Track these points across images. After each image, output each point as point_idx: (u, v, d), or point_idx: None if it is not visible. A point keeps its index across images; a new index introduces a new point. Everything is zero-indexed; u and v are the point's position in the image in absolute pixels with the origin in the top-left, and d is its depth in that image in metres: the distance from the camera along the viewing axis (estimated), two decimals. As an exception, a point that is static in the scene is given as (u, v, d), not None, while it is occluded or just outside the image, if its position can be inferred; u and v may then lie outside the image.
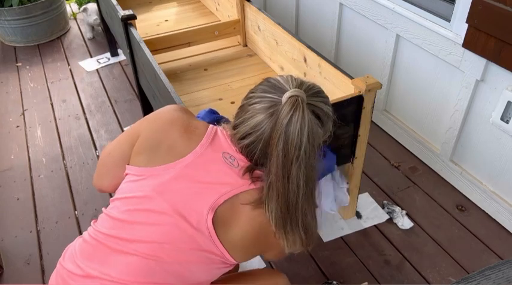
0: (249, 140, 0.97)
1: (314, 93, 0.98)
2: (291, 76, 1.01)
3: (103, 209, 1.06)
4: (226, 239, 0.96)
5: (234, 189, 0.97)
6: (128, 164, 1.06)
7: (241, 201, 0.96)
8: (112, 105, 2.76)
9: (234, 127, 1.01)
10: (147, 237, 0.96)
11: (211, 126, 1.08)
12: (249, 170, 1.00)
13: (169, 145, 1.02)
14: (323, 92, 1.02)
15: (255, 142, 0.96)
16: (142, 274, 0.94)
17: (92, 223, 1.06)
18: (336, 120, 1.06)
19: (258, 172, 1.00)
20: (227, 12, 2.54)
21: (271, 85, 0.98)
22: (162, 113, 1.10)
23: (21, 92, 2.96)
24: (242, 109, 1.00)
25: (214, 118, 1.38)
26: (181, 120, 1.07)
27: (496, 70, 1.70)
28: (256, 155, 0.98)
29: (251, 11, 2.24)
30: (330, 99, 1.50)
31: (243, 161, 1.01)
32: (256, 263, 1.76)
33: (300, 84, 0.97)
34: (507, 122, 1.72)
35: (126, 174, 1.05)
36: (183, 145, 1.02)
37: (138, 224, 0.97)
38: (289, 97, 0.92)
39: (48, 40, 3.55)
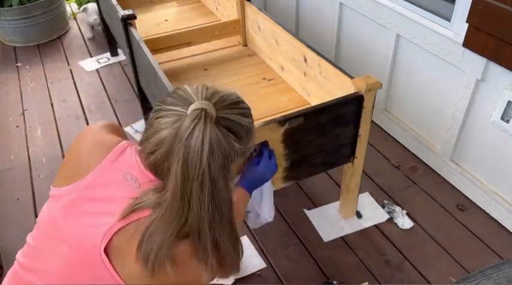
0: (154, 158, 0.87)
1: (228, 104, 0.88)
2: (204, 86, 0.92)
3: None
4: (123, 271, 0.88)
5: (128, 217, 0.87)
6: None
7: (141, 227, 0.85)
8: (112, 105, 2.76)
9: (140, 144, 0.92)
10: (48, 268, 0.93)
11: (124, 141, 1.00)
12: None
13: (75, 163, 0.98)
14: (242, 102, 0.93)
15: (159, 159, 0.86)
16: None
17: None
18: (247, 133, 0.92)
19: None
20: (227, 12, 2.54)
21: (179, 97, 0.89)
22: (84, 129, 1.07)
23: (21, 92, 2.96)
24: (149, 124, 0.90)
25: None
26: (92, 135, 1.02)
27: (496, 69, 1.70)
28: (163, 174, 0.88)
29: (251, 10, 2.24)
30: (330, 99, 1.52)
31: (145, 183, 0.91)
32: (257, 262, 1.76)
33: (211, 95, 0.88)
34: (507, 121, 1.72)
35: None
36: (86, 163, 0.95)
37: (42, 253, 0.95)
38: (193, 111, 0.83)
39: (48, 40, 3.55)
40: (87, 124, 2.63)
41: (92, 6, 3.31)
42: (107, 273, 0.88)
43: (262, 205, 1.43)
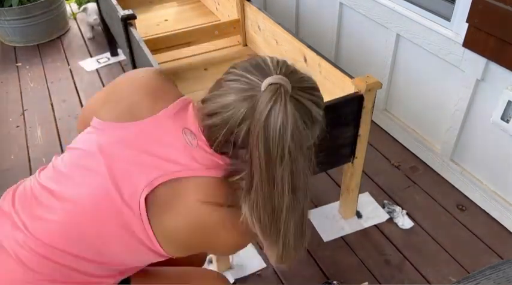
0: (214, 120, 0.82)
1: (304, 87, 0.82)
2: (284, 60, 0.85)
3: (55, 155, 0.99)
4: (159, 225, 0.83)
5: (183, 170, 0.83)
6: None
7: (189, 186, 0.83)
8: (112, 105, 2.76)
9: (203, 101, 0.87)
10: (75, 198, 0.85)
11: (185, 97, 0.95)
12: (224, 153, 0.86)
13: (129, 102, 0.91)
14: (317, 90, 0.87)
15: (219, 124, 0.82)
16: (60, 241, 0.84)
17: (37, 171, 0.98)
18: (324, 127, 0.91)
19: (227, 161, 0.87)
20: (227, 11, 2.54)
21: (255, 65, 0.83)
22: (136, 71, 1.01)
23: (21, 92, 2.96)
24: (217, 83, 0.86)
25: None
26: (151, 82, 0.96)
27: (496, 69, 1.70)
28: (218, 140, 0.83)
29: (251, 10, 2.24)
30: (330, 99, 1.52)
31: (203, 142, 0.87)
32: (257, 262, 1.76)
33: (291, 73, 0.82)
34: (507, 121, 1.72)
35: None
36: (144, 107, 0.90)
37: (72, 181, 0.87)
38: (270, 84, 0.78)
39: (48, 40, 3.55)
40: (87, 124, 2.62)
41: (92, 6, 3.31)
42: (139, 226, 0.83)
43: None
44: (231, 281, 1.70)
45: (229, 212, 0.85)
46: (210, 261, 1.76)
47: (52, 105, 2.82)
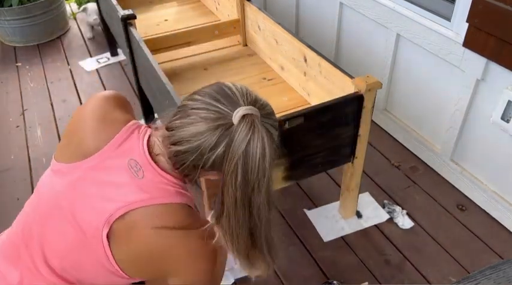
0: (183, 147, 0.84)
1: (267, 114, 0.87)
2: (246, 88, 0.88)
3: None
4: (121, 256, 0.89)
5: (130, 204, 0.87)
6: None
7: (139, 217, 0.87)
8: (112, 105, 2.76)
9: (168, 129, 0.88)
10: (55, 247, 0.93)
11: (133, 122, 0.97)
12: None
13: (80, 138, 0.95)
14: (274, 114, 0.91)
15: (188, 151, 0.84)
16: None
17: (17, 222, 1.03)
18: (278, 146, 0.94)
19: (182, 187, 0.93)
20: (227, 11, 2.54)
21: (223, 94, 0.85)
22: (88, 101, 1.02)
23: (21, 92, 2.96)
24: (183, 110, 0.86)
25: None
26: (99, 111, 0.97)
27: (496, 69, 1.70)
28: (185, 165, 0.86)
29: (251, 10, 2.24)
30: (330, 99, 1.52)
31: (150, 172, 0.90)
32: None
33: (255, 101, 0.85)
34: (507, 121, 1.71)
35: None
36: (91, 142, 0.92)
37: (46, 228, 0.94)
38: (244, 116, 0.81)
39: (48, 40, 3.55)
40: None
41: (92, 6, 3.31)
42: (104, 258, 0.89)
43: None
44: (231, 281, 1.70)
45: (186, 234, 0.88)
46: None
47: (52, 105, 2.82)
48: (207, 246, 0.88)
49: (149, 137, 0.94)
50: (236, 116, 0.81)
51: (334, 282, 1.69)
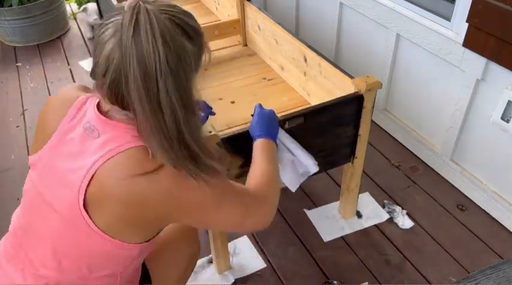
0: (109, 78, 0.80)
1: (167, 5, 0.82)
2: None
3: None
4: (105, 221, 0.85)
5: (92, 167, 0.83)
6: None
7: (103, 173, 0.83)
8: (112, 105, 2.76)
9: (92, 74, 0.85)
10: (44, 241, 0.92)
11: (82, 96, 0.96)
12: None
13: (43, 125, 0.96)
14: (184, 10, 0.87)
15: (115, 78, 0.79)
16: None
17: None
18: (208, 48, 0.90)
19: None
20: (227, 11, 2.54)
21: (117, 9, 0.83)
22: (57, 93, 1.04)
23: (21, 92, 2.96)
24: (94, 45, 0.83)
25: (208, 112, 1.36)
26: (57, 96, 0.99)
27: (496, 69, 1.70)
28: (120, 94, 0.81)
29: (251, 10, 2.24)
30: (330, 99, 1.52)
31: (103, 125, 0.86)
32: (257, 262, 1.76)
33: (153, 2, 0.81)
34: (507, 121, 1.71)
35: None
36: (52, 124, 0.93)
37: (34, 224, 0.94)
38: (130, 7, 0.76)
39: (48, 40, 3.55)
40: (87, 124, 2.63)
41: (92, 6, 3.31)
42: (91, 232, 0.86)
43: (301, 157, 1.38)
44: (231, 281, 1.70)
45: (153, 176, 0.83)
46: (210, 261, 1.76)
47: (52, 105, 2.82)
48: (181, 178, 0.84)
49: (99, 101, 0.91)
50: (124, 12, 0.77)
51: (334, 282, 1.69)
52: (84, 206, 0.84)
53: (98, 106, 0.90)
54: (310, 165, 1.40)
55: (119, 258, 0.93)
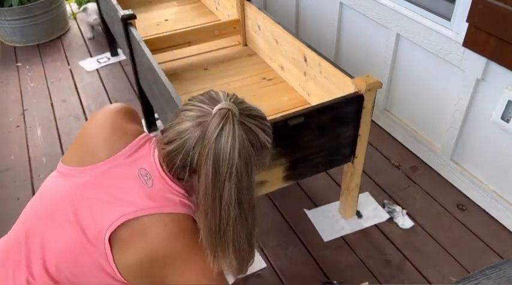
0: (171, 146, 0.90)
1: (252, 114, 0.91)
2: (235, 94, 0.94)
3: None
4: (122, 261, 0.90)
5: (140, 210, 0.90)
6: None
7: (147, 224, 0.90)
8: (112, 105, 2.77)
9: (163, 132, 0.95)
10: (55, 247, 0.94)
11: (144, 134, 1.03)
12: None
13: (92, 146, 0.99)
14: (265, 119, 0.94)
15: (176, 150, 0.89)
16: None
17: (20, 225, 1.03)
18: (274, 154, 0.97)
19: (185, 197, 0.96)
20: (227, 11, 2.54)
21: (209, 97, 0.92)
22: (100, 111, 1.06)
23: (21, 92, 2.96)
24: (175, 114, 0.94)
25: None
26: (112, 121, 1.02)
27: (496, 69, 1.70)
28: (176, 166, 0.91)
29: (251, 10, 2.24)
30: (330, 99, 1.52)
31: (158, 181, 0.94)
32: (257, 262, 1.76)
33: (239, 102, 0.91)
34: (507, 121, 1.71)
35: None
36: (103, 149, 0.97)
37: (49, 229, 0.95)
38: (220, 109, 0.86)
39: (48, 40, 3.55)
40: (87, 124, 2.63)
41: (92, 6, 3.31)
42: (105, 261, 0.90)
43: None
44: (231, 281, 1.70)
45: (186, 244, 0.92)
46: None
47: (52, 104, 2.82)
48: (205, 263, 0.91)
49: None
50: (213, 110, 0.87)
51: (334, 282, 1.69)
52: (110, 238, 0.89)
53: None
54: None
55: None
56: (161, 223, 0.90)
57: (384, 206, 2.00)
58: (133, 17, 2.08)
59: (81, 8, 3.41)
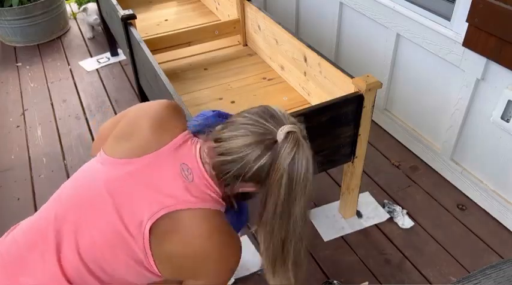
0: (230, 157, 0.92)
1: (304, 135, 0.97)
2: (286, 112, 1.01)
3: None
4: (159, 251, 0.94)
5: (180, 203, 0.93)
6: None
7: (186, 217, 0.93)
8: (112, 105, 2.76)
9: (217, 140, 0.96)
10: (85, 234, 0.95)
11: (187, 131, 1.06)
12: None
13: (138, 139, 1.01)
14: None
15: (235, 161, 0.92)
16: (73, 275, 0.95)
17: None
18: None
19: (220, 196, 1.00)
20: (227, 11, 2.54)
21: (269, 114, 0.96)
22: (149, 105, 1.09)
23: (21, 92, 2.96)
24: (232, 124, 0.96)
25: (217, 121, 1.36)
26: (160, 117, 1.05)
27: (496, 69, 1.70)
28: (229, 174, 0.94)
29: (251, 10, 2.24)
30: (330, 99, 1.52)
31: (199, 177, 0.97)
32: (258, 261, 1.76)
33: (295, 122, 0.97)
34: (507, 121, 1.72)
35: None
36: (149, 143, 1.00)
37: (81, 215, 0.97)
38: (288, 133, 0.90)
39: (48, 40, 3.55)
40: (87, 124, 2.63)
41: (92, 6, 3.31)
42: (141, 252, 0.93)
43: None
44: (231, 281, 1.70)
45: (221, 241, 0.95)
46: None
47: (52, 104, 2.82)
48: (234, 257, 0.97)
49: (200, 147, 1.01)
50: (281, 133, 0.91)
51: (334, 281, 1.69)
52: (150, 229, 0.92)
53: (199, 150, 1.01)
54: None
55: (144, 278, 0.99)
56: (199, 218, 0.94)
57: (384, 206, 2.00)
58: (133, 17, 2.08)
59: (81, 8, 3.41)
